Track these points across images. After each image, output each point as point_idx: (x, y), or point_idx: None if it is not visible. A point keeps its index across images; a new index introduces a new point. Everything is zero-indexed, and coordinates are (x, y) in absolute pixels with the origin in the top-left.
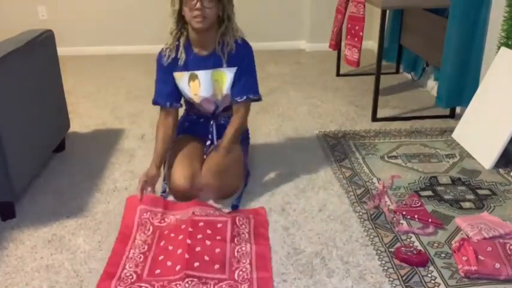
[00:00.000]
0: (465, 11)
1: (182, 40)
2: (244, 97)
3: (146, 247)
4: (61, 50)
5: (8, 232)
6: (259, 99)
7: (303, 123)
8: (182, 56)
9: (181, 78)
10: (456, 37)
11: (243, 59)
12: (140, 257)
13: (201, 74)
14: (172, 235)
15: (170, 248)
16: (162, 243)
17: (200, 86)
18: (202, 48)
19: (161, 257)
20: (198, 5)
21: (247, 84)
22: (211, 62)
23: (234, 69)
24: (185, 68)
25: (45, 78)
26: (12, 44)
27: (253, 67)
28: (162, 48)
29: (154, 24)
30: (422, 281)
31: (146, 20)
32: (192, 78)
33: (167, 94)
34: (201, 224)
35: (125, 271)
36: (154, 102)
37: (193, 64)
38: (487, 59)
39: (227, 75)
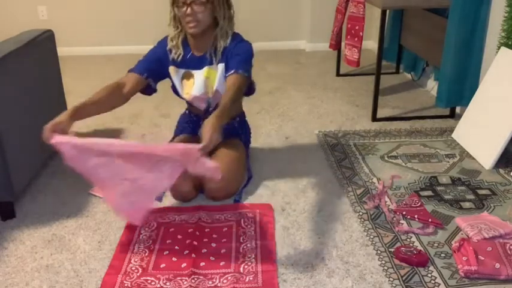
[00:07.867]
0: (465, 11)
1: (181, 37)
2: (233, 71)
3: (151, 241)
4: (61, 50)
5: (8, 232)
6: (249, 78)
7: (303, 123)
8: (179, 52)
9: (176, 74)
10: (456, 37)
11: (237, 49)
12: (145, 252)
13: (196, 73)
14: (179, 237)
15: (176, 247)
16: (168, 242)
17: (194, 84)
18: (197, 49)
19: (166, 252)
20: (189, 10)
21: (238, 63)
22: (204, 61)
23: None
24: (181, 65)
25: (45, 79)
26: (12, 44)
27: (248, 54)
28: (167, 37)
29: (154, 24)
30: (422, 281)
31: (146, 20)
32: (187, 77)
33: (148, 68)
34: (207, 230)
35: (131, 265)
36: (130, 70)
37: (190, 63)
38: (487, 59)
39: (218, 71)
